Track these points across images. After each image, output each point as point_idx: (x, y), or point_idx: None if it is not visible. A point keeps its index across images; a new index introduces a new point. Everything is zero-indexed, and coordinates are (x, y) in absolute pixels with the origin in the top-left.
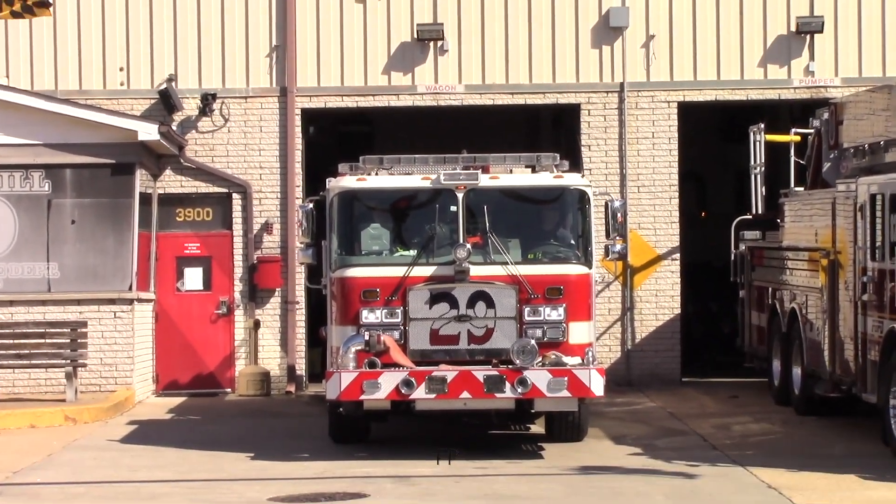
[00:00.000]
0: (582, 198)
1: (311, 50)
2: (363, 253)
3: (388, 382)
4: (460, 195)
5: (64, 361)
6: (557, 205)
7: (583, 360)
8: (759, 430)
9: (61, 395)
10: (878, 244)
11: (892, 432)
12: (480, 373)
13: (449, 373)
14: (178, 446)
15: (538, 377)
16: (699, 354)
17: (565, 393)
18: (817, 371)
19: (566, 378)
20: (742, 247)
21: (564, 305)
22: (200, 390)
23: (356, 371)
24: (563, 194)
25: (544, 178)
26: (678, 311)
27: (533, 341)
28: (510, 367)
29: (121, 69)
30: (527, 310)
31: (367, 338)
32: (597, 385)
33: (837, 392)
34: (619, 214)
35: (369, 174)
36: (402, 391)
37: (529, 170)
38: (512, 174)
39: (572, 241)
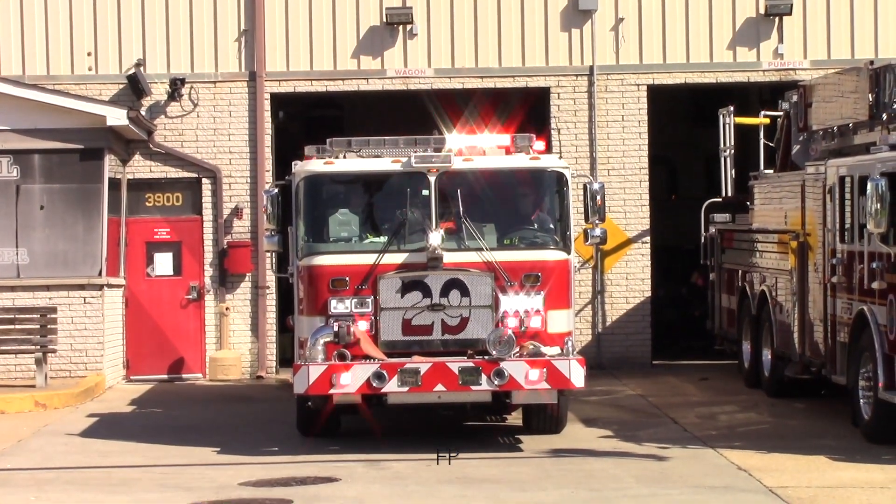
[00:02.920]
0: (560, 180)
1: (280, 34)
2: (331, 240)
3: (358, 375)
4: (432, 178)
5: (33, 347)
6: (534, 188)
7: (562, 351)
8: (729, 412)
9: (31, 381)
10: (846, 226)
11: (861, 414)
12: (455, 364)
13: (422, 365)
14: (148, 432)
15: (516, 368)
16: (670, 337)
17: (544, 385)
18: (787, 353)
19: (545, 369)
20: (712, 230)
21: (542, 293)
22: (171, 376)
23: (325, 364)
24: (540, 177)
25: (520, 160)
26: (648, 294)
27: (510, 331)
28: (486, 358)
29: (88, 54)
30: (503, 298)
31: (336, 329)
32: (577, 376)
33: (807, 374)
34: (598, 197)
35: (337, 157)
36: (374, 384)
37: (503, 151)
38: (486, 156)
39: (550, 226)
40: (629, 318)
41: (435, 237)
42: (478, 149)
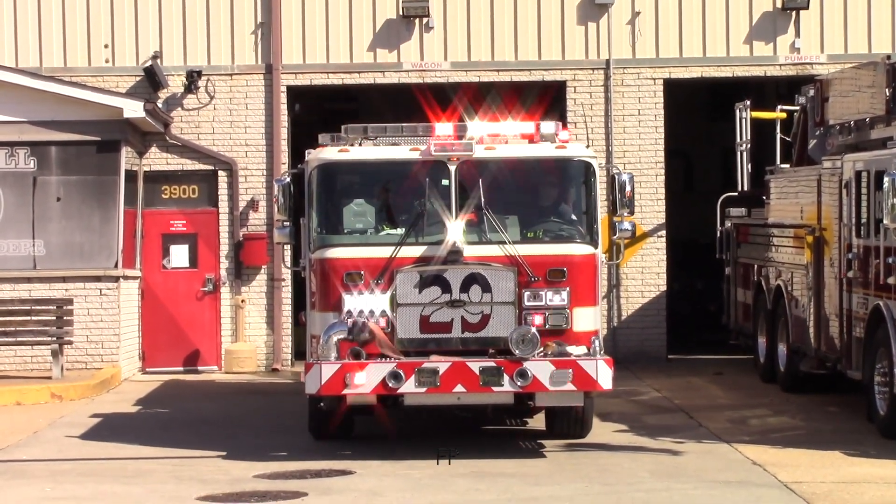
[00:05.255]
0: (587, 170)
1: (297, 27)
2: (346, 231)
3: (373, 375)
4: (453, 168)
5: (50, 339)
6: (560, 178)
7: (588, 350)
8: (744, 407)
9: (47, 373)
10: (863, 221)
11: (876, 409)
12: (476, 364)
13: (441, 364)
14: (163, 424)
15: (540, 369)
16: (685, 331)
17: (570, 386)
18: (802, 348)
19: (571, 370)
20: (728, 224)
21: (568, 289)
22: (186, 368)
23: (338, 362)
24: (565, 166)
25: (545, 149)
26: (664, 288)
27: (534, 329)
28: (508, 357)
29: (105, 46)
30: (526, 294)
31: (350, 325)
32: (604, 377)
33: (822, 369)
34: (627, 188)
35: (352, 145)
36: (390, 385)
37: (527, 139)
38: (509, 144)
39: (576, 218)
40: (644, 312)
41: (455, 229)
42: (500, 137)
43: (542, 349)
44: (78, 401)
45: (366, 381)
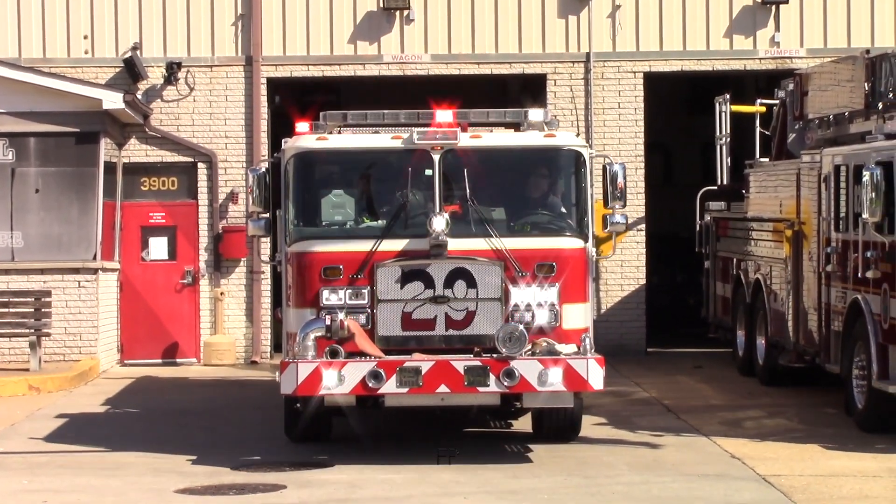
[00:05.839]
0: (577, 160)
1: (277, 18)
2: (324, 224)
3: (352, 374)
4: (437, 157)
5: (28, 331)
6: (549, 168)
7: (579, 349)
8: (722, 400)
9: (25, 365)
10: (841, 215)
11: (854, 402)
12: (460, 363)
13: (424, 363)
14: (143, 416)
15: (528, 368)
16: (664, 325)
17: (559, 387)
18: (781, 341)
19: (560, 369)
20: (707, 217)
21: (557, 285)
22: (165, 360)
23: (315, 361)
24: (555, 156)
25: (534, 138)
26: (643, 281)
27: (521, 326)
28: (495, 356)
29: (85, 37)
30: (514, 290)
31: (328, 322)
32: (595, 377)
33: (801, 362)
34: (619, 179)
35: (331, 132)
36: (370, 384)
37: (513, 129)
38: (496, 133)
39: (565, 210)
40: (624, 305)
41: (438, 222)
42: (486, 125)
43: (529, 347)
44: (56, 393)
45: (345, 380)
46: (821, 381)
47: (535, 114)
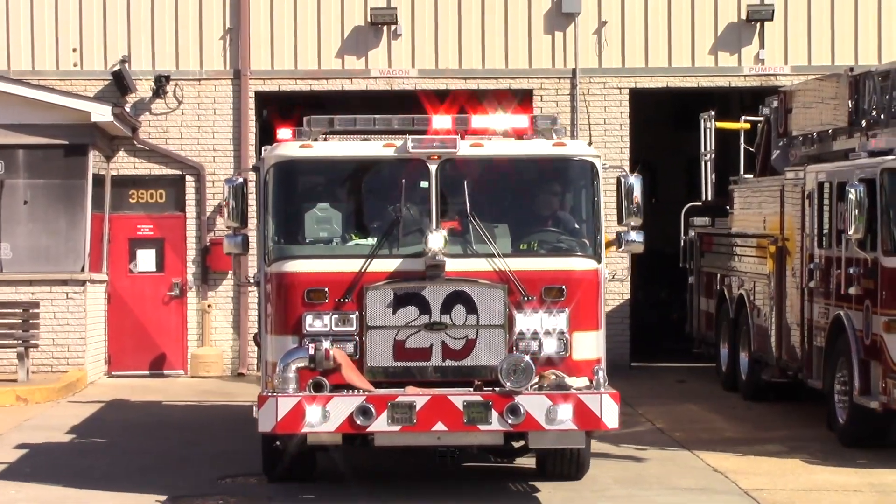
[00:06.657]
0: (590, 171)
1: (265, 33)
2: (307, 241)
3: (339, 410)
4: (433, 167)
5: (16, 342)
6: (558, 180)
7: (591, 382)
8: (706, 414)
9: (13, 376)
10: (825, 231)
11: (836, 417)
12: (459, 398)
13: (418, 398)
14: (129, 428)
15: (534, 404)
16: (649, 340)
17: (569, 425)
18: (764, 357)
19: (571, 405)
20: (691, 233)
21: (567, 310)
22: (153, 372)
23: (297, 395)
24: (565, 167)
25: (541, 147)
26: (628, 296)
27: (527, 357)
28: (497, 390)
29: (74, 50)
30: (518, 316)
31: (311, 352)
32: (609, 414)
33: (784, 378)
34: (635, 192)
35: (316, 140)
36: (358, 422)
37: (520, 136)
38: (499, 141)
39: (576, 227)
40: (608, 320)
41: (435, 240)
42: (489, 132)
43: (536, 381)
44: (43, 404)
45: (330, 417)
46: (803, 396)
47: (543, 120)
